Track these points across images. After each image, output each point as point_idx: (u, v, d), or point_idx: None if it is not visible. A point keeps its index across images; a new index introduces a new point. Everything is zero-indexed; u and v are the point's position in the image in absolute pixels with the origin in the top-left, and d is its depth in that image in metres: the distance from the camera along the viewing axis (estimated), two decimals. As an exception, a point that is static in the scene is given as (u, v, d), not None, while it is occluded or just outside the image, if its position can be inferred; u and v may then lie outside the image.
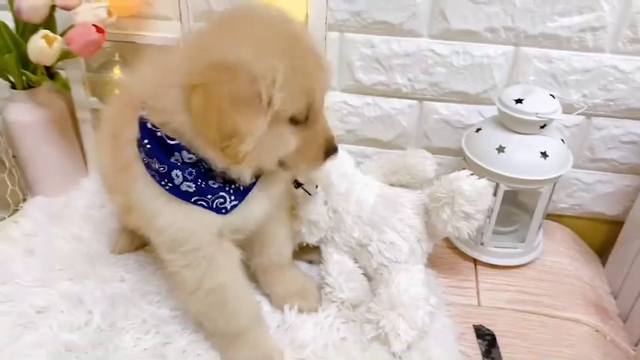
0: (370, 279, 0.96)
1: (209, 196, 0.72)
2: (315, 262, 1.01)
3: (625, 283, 1.06)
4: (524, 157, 0.95)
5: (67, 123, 1.17)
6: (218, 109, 0.61)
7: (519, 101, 0.93)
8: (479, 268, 1.06)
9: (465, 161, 1.02)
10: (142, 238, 1.03)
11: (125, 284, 0.96)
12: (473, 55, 1.05)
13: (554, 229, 1.19)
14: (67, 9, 0.96)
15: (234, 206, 0.73)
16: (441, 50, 1.05)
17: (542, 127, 0.94)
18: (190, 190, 0.71)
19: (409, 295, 0.86)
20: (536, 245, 1.08)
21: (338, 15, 1.04)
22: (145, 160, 0.71)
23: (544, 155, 0.94)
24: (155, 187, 0.72)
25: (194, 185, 0.70)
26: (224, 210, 0.73)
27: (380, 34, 1.06)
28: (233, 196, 0.73)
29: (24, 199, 1.14)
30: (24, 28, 0.98)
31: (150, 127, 0.69)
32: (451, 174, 0.90)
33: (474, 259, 1.07)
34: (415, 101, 1.12)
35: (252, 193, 0.75)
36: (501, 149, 0.95)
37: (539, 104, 0.93)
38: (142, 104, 0.70)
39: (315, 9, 0.97)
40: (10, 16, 1.02)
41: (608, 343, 0.95)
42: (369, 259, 0.93)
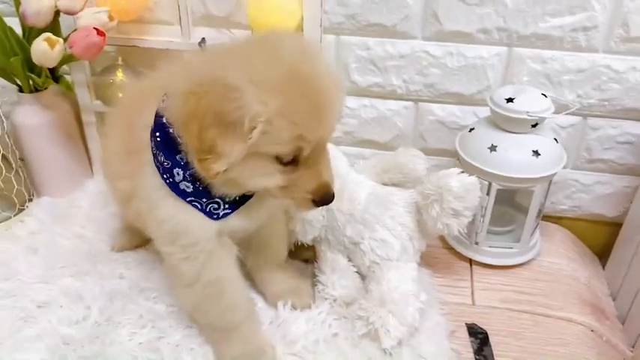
0: (363, 277, 0.97)
1: (204, 200, 0.73)
2: (310, 261, 1.02)
3: (623, 284, 1.05)
4: (516, 156, 0.95)
5: (73, 125, 1.20)
6: (202, 120, 0.62)
7: (510, 100, 0.94)
8: (474, 268, 1.07)
9: (459, 161, 1.03)
10: (142, 236, 1.05)
11: (124, 281, 0.98)
12: (466, 57, 1.06)
13: (553, 230, 1.19)
14: (71, 14, 0.99)
15: (226, 214, 0.75)
16: (435, 52, 1.07)
17: (533, 125, 0.95)
18: (187, 190, 0.72)
19: (399, 292, 0.87)
20: (533, 245, 1.08)
21: (333, 18, 1.06)
22: (154, 151, 0.73)
23: (536, 154, 0.94)
24: (159, 178, 0.73)
25: (192, 186, 0.72)
26: (216, 216, 0.74)
27: (374, 36, 1.07)
28: (227, 205, 0.74)
29: (30, 199, 1.18)
30: (29, 32, 1.02)
31: (164, 121, 0.70)
32: (440, 171, 0.91)
33: (469, 259, 1.08)
34: (411, 102, 1.14)
35: (252, 200, 0.76)
36: (493, 148, 0.96)
37: (530, 103, 0.93)
38: (163, 96, 0.71)
39: (311, 12, 0.99)
40: (17, 22, 1.07)
41: (603, 343, 0.94)
42: (361, 257, 0.94)
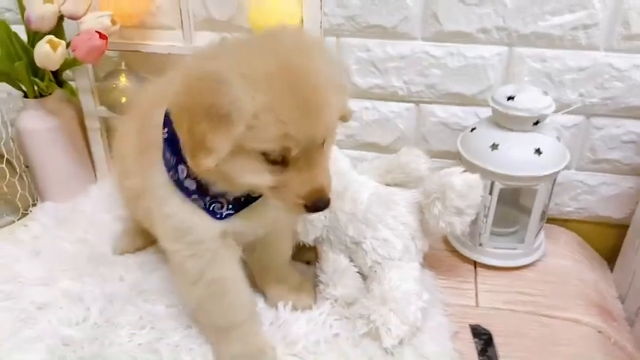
0: (365, 278, 0.95)
1: (207, 198, 0.73)
2: (312, 262, 1.01)
3: (631, 286, 1.03)
4: (518, 154, 0.94)
5: (77, 131, 1.21)
6: (193, 114, 0.62)
7: (511, 98, 0.93)
8: (478, 270, 1.05)
9: (461, 161, 1.02)
10: (144, 239, 1.06)
11: (124, 283, 0.97)
12: (467, 57, 1.06)
13: (558, 233, 1.17)
14: (74, 18, 1.01)
15: (229, 215, 0.74)
16: (435, 52, 1.07)
17: (535, 123, 0.94)
18: (191, 188, 0.72)
19: (401, 291, 0.86)
20: (537, 247, 1.06)
21: (333, 20, 1.07)
22: (163, 147, 0.73)
23: (538, 152, 0.94)
24: (166, 176, 0.74)
25: (195, 184, 0.72)
26: (219, 215, 0.74)
27: (374, 37, 1.08)
28: (231, 205, 0.74)
29: (34, 204, 1.18)
30: (34, 37, 1.03)
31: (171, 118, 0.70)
32: (442, 170, 0.91)
33: (473, 261, 1.06)
34: (412, 104, 1.13)
35: (261, 207, 0.75)
36: (495, 147, 0.95)
37: (531, 101, 0.93)
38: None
39: (310, 14, 0.99)
40: (23, 29, 1.08)
41: (611, 344, 0.92)
42: (363, 257, 0.93)
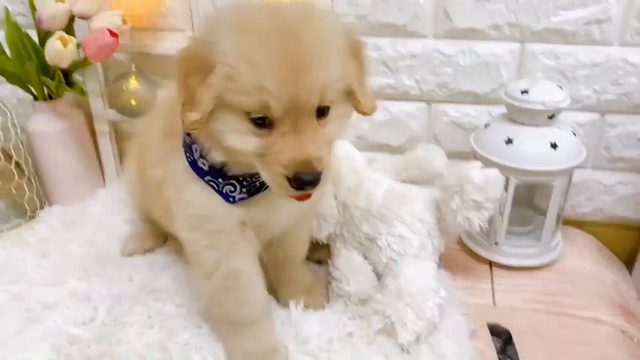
0: (379, 277, 0.93)
1: (220, 180, 0.72)
2: (323, 262, 0.99)
3: (652, 288, 1.00)
4: (533, 149, 0.93)
5: (85, 135, 1.21)
6: (185, 67, 0.64)
7: (525, 92, 0.92)
8: (494, 270, 1.03)
9: (475, 159, 1.00)
10: (155, 240, 1.05)
11: (133, 283, 0.96)
12: (479, 54, 1.05)
13: (575, 235, 1.15)
14: (85, 18, 1.01)
15: (242, 198, 0.73)
16: (447, 50, 1.06)
17: (550, 117, 0.93)
18: (204, 168, 0.72)
19: (417, 285, 0.83)
20: (554, 246, 1.04)
21: (344, 18, 1.07)
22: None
23: (554, 146, 0.92)
24: (186, 161, 0.73)
25: (208, 164, 0.71)
26: (232, 199, 0.73)
27: (385, 35, 1.07)
28: (244, 189, 0.73)
29: (41, 207, 1.17)
30: (44, 37, 1.03)
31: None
32: (461, 163, 0.89)
33: (489, 261, 1.04)
34: (424, 104, 1.12)
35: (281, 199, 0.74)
36: (510, 141, 0.94)
37: (545, 94, 0.92)
38: None
39: (321, 13, 1.00)
40: (35, 33, 1.09)
41: (634, 344, 0.89)
42: (378, 253, 0.91)
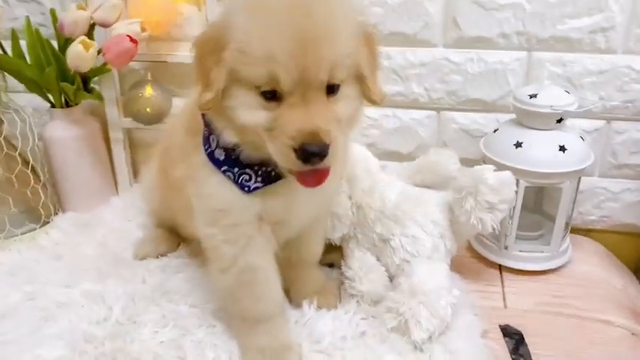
0: (392, 278, 0.94)
1: (235, 169, 0.73)
2: (336, 265, 1.00)
3: (662, 294, 1.01)
4: (542, 152, 0.95)
5: (100, 143, 1.23)
6: (201, 49, 0.66)
7: (534, 96, 0.95)
8: (504, 274, 1.03)
9: (485, 163, 1.02)
10: (169, 244, 1.07)
11: (146, 285, 0.97)
12: (487, 62, 1.08)
13: (584, 242, 1.16)
14: (106, 26, 1.05)
15: (256, 188, 0.74)
16: (456, 58, 1.09)
17: (558, 121, 0.95)
18: (221, 159, 0.73)
19: (431, 284, 0.84)
20: (563, 251, 1.04)
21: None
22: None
23: (562, 149, 0.94)
24: (205, 156, 0.75)
25: (224, 154, 0.73)
26: (247, 188, 0.74)
27: (395, 45, 1.10)
28: (260, 178, 0.74)
29: (55, 213, 1.18)
30: (65, 44, 1.06)
31: None
32: (475, 166, 0.91)
33: (499, 266, 1.05)
34: (433, 112, 1.15)
35: (298, 193, 0.75)
36: (519, 144, 0.96)
37: (553, 98, 0.94)
38: None
39: (333, 22, 1.03)
40: (55, 45, 1.12)
41: (646, 346, 0.90)
42: (391, 255, 0.92)
